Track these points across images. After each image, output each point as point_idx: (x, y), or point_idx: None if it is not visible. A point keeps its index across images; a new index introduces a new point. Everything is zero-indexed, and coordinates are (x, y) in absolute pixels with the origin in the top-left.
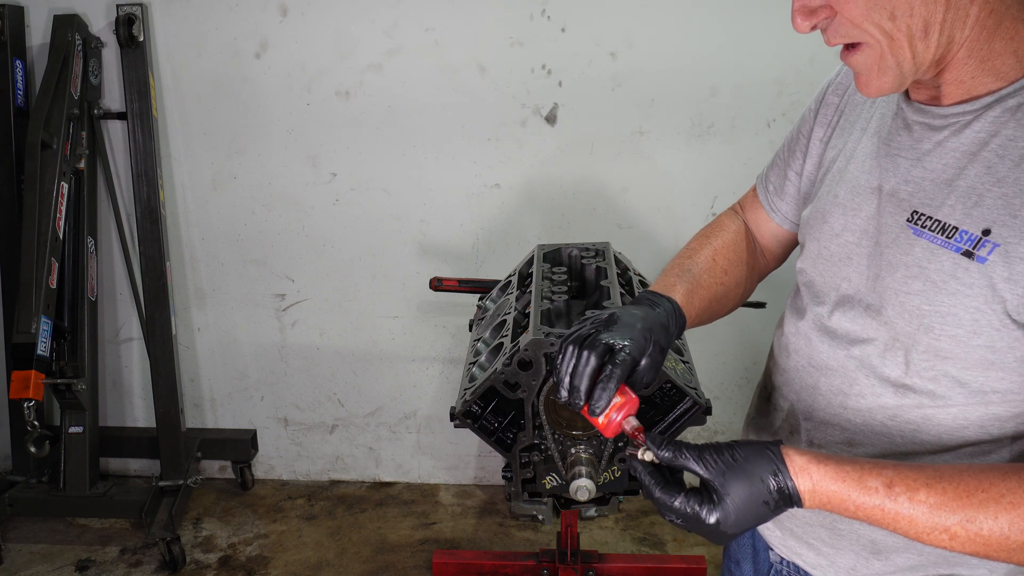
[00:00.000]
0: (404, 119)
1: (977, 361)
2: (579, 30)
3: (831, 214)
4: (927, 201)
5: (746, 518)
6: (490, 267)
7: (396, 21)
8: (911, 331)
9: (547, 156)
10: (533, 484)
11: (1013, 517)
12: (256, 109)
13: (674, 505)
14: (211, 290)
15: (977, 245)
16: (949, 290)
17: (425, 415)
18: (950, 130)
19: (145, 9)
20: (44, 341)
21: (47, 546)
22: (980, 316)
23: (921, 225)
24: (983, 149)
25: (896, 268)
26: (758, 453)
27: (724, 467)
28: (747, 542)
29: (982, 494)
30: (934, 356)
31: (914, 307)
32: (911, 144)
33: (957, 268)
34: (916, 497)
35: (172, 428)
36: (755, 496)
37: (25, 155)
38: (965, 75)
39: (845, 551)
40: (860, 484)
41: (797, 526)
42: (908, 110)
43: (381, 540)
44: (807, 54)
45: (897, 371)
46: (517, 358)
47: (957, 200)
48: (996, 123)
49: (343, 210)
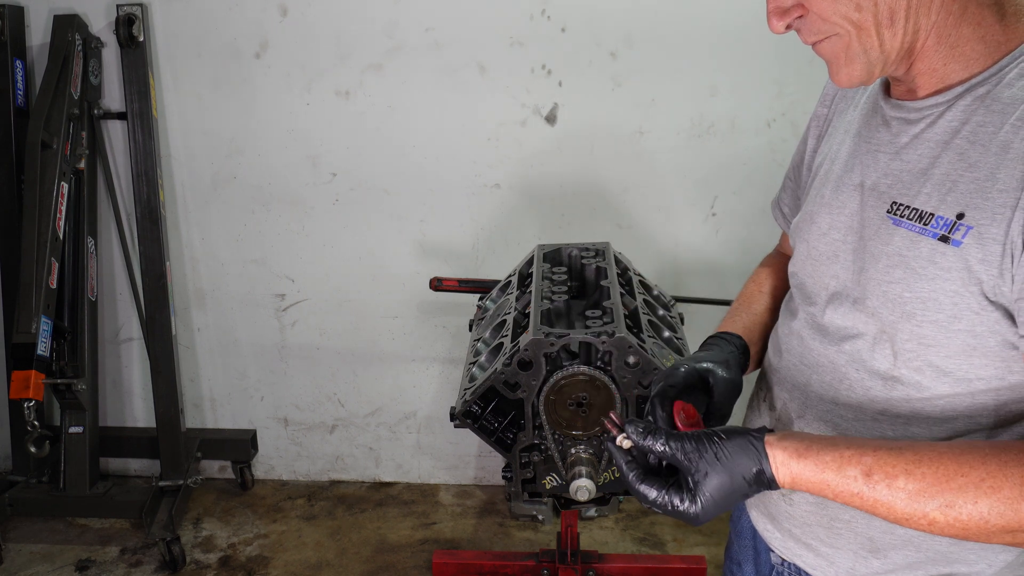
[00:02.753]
0: (404, 119)
1: (959, 347)
2: (579, 30)
3: (818, 214)
4: (905, 191)
5: (723, 507)
6: (490, 267)
7: (396, 21)
8: (894, 320)
9: (547, 156)
10: (533, 484)
11: (993, 501)
12: (256, 109)
13: (653, 498)
14: (211, 290)
15: (952, 229)
16: (928, 275)
17: (425, 415)
18: (925, 122)
19: (145, 9)
20: (44, 341)
21: (47, 546)
22: (959, 300)
23: (899, 215)
24: (955, 137)
25: (878, 259)
26: (741, 449)
27: (706, 463)
28: (748, 543)
29: (961, 479)
30: (918, 344)
31: (896, 295)
32: (890, 139)
33: (934, 253)
34: (895, 484)
35: (172, 428)
36: (734, 489)
37: (25, 155)
38: (937, 63)
39: (843, 550)
40: (840, 473)
41: (795, 527)
42: (886, 107)
43: (381, 540)
44: (807, 54)
45: (886, 363)
46: (517, 358)
47: (933, 188)
48: (967, 111)
49: (343, 210)
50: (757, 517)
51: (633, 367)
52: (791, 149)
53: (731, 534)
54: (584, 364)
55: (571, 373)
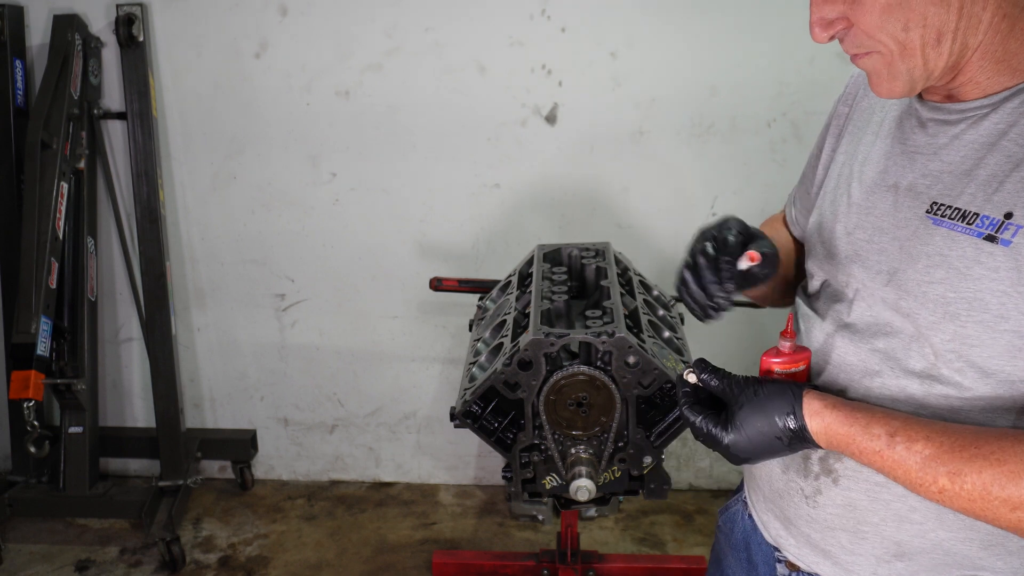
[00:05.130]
0: (404, 119)
1: (1004, 348)
2: (579, 30)
3: (843, 215)
4: (946, 192)
5: (759, 448)
6: (490, 267)
7: (396, 21)
8: (935, 320)
9: (547, 156)
10: (533, 484)
11: (996, 472)
12: (256, 109)
13: (694, 422)
14: (211, 290)
15: (1000, 229)
16: (974, 275)
17: (425, 415)
18: (967, 123)
19: (145, 9)
20: (44, 341)
21: (47, 546)
22: (1007, 300)
23: (940, 215)
24: (1002, 139)
25: (917, 259)
26: (779, 393)
27: (745, 399)
28: (742, 555)
29: (974, 449)
30: (961, 344)
31: (938, 296)
32: (927, 141)
33: (980, 253)
34: (913, 447)
35: (172, 428)
36: (768, 430)
37: (25, 155)
38: (981, 77)
39: (866, 556)
40: (866, 430)
41: (816, 531)
42: (922, 109)
43: (381, 540)
44: (807, 54)
45: (923, 362)
46: (517, 358)
47: (977, 188)
48: (1014, 113)
49: (343, 210)
50: (769, 521)
51: (633, 367)
52: (791, 149)
53: (720, 548)
54: (584, 364)
55: (571, 373)
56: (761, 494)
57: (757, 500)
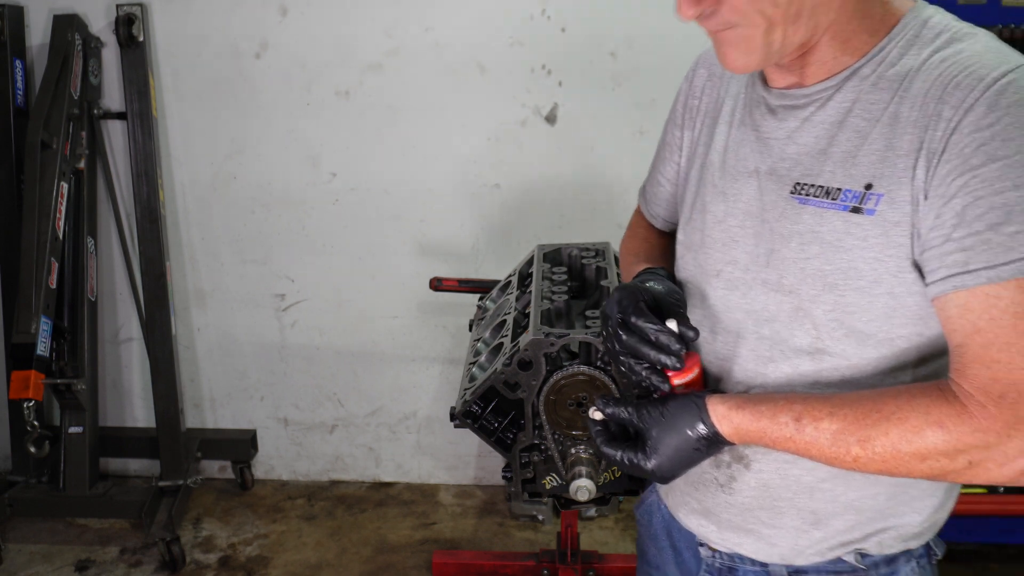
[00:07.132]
0: (404, 119)
1: (881, 310)
2: (579, 30)
3: (712, 203)
4: (807, 172)
5: (682, 463)
6: (490, 267)
7: (396, 21)
8: (816, 292)
9: (547, 156)
10: (533, 484)
11: (901, 431)
12: (256, 109)
13: (614, 456)
14: (211, 290)
15: (863, 200)
16: (846, 247)
17: (425, 415)
18: (814, 106)
19: (145, 9)
20: (44, 341)
21: (47, 546)
22: (879, 265)
23: (805, 193)
24: (848, 116)
25: (789, 239)
26: (683, 407)
27: (653, 422)
28: (665, 544)
29: (876, 414)
30: (842, 312)
31: (815, 269)
32: (778, 125)
33: (849, 224)
34: (820, 426)
35: (172, 428)
36: (684, 445)
37: (25, 155)
38: (828, 56)
39: (785, 528)
40: (773, 421)
41: (735, 515)
42: (769, 97)
43: (381, 540)
44: None
45: (807, 338)
46: (517, 358)
47: (835, 165)
48: (855, 91)
49: (343, 210)
50: (687, 515)
51: None
52: None
53: (642, 542)
54: (584, 364)
55: (571, 373)
56: (676, 488)
57: (672, 495)
